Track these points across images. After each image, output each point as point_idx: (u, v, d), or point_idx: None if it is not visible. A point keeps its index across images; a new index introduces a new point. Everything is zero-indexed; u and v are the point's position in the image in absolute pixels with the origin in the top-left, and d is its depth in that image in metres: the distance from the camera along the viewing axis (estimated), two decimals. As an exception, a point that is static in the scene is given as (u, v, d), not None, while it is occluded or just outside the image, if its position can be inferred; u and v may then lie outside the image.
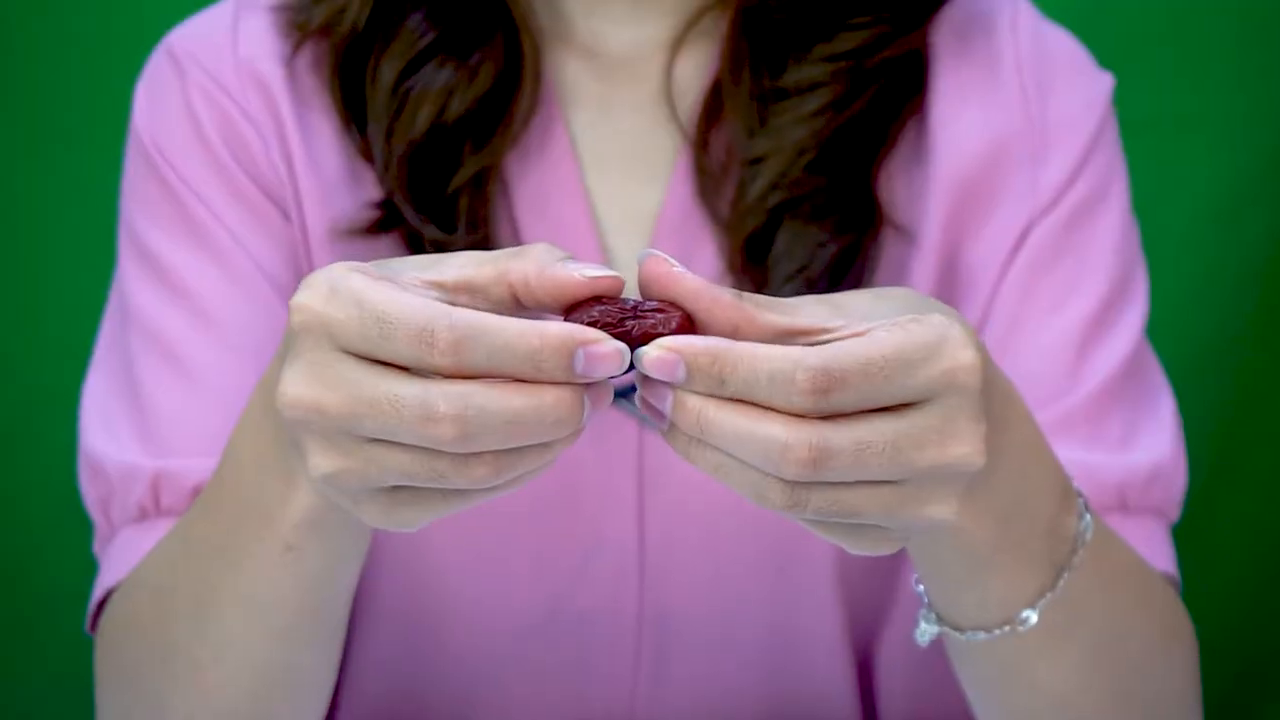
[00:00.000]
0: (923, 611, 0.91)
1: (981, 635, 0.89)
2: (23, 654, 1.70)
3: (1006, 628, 0.88)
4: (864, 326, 0.73)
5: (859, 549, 0.77)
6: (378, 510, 0.75)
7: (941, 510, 0.75)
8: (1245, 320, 1.67)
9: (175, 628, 0.92)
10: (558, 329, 0.70)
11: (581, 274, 0.72)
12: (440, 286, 0.73)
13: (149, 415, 1.06)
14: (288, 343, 0.74)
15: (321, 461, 0.74)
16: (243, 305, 1.08)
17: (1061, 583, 0.88)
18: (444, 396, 0.70)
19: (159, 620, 0.94)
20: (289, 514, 0.83)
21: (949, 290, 1.11)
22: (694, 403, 0.71)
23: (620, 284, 0.73)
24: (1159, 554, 1.06)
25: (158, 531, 1.03)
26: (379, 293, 0.71)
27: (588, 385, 0.71)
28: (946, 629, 0.90)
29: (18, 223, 1.67)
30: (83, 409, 1.09)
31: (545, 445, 0.72)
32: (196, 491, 1.03)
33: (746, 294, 0.73)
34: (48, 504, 1.66)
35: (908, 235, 1.11)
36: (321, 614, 0.90)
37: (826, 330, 0.73)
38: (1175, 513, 1.08)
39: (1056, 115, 1.12)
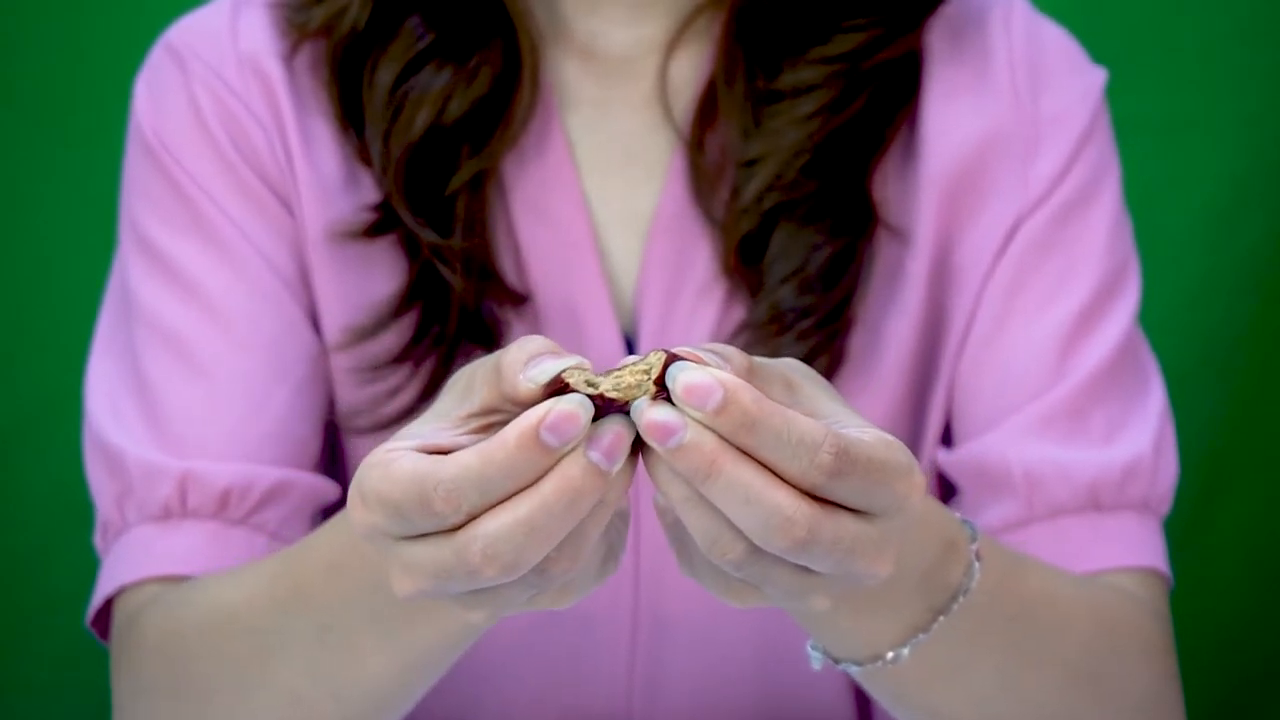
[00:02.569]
0: (809, 641, 0.91)
1: (854, 668, 0.89)
2: (23, 654, 1.70)
3: (878, 662, 0.88)
4: (831, 422, 0.73)
5: (724, 597, 0.77)
6: (544, 604, 0.76)
7: (822, 601, 0.75)
8: (1244, 322, 1.67)
9: (285, 669, 0.91)
10: (511, 431, 0.69)
11: (534, 383, 0.71)
12: (475, 416, 0.73)
13: (160, 411, 1.06)
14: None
15: (470, 617, 0.75)
16: (251, 300, 1.08)
17: (936, 626, 0.87)
18: (470, 543, 0.70)
19: (256, 656, 0.92)
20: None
21: (942, 290, 1.11)
22: (710, 446, 0.70)
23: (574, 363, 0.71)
24: (1143, 550, 1.06)
25: (181, 533, 1.03)
26: (387, 483, 0.71)
27: (591, 442, 0.70)
28: (827, 658, 0.90)
29: (18, 222, 1.67)
30: (89, 399, 1.09)
31: (598, 505, 0.72)
32: (225, 495, 1.04)
33: (753, 360, 0.73)
34: (48, 504, 1.66)
35: (901, 237, 1.11)
36: (470, 642, 0.89)
37: None
38: (1163, 507, 1.08)
39: (1048, 111, 1.12)
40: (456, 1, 1.09)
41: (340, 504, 1.07)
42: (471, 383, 0.74)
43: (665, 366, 0.70)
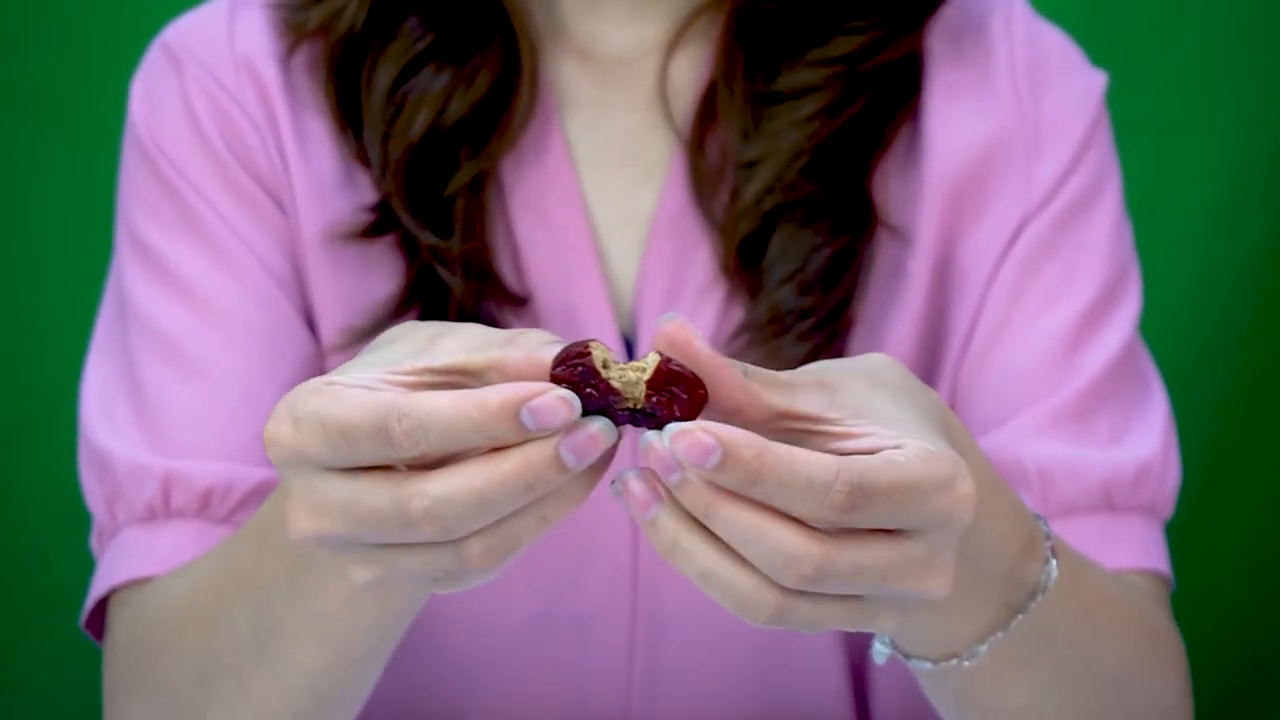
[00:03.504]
0: (877, 634, 0.90)
1: (928, 665, 0.88)
2: (23, 654, 1.70)
3: (954, 660, 0.88)
4: (863, 427, 0.72)
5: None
6: (434, 587, 0.75)
7: (887, 623, 0.74)
8: (1243, 321, 1.67)
9: (232, 655, 0.91)
10: (496, 394, 0.68)
11: (550, 354, 0.70)
12: (431, 371, 0.72)
13: (154, 413, 1.06)
14: (280, 474, 0.74)
15: (357, 572, 0.74)
16: (245, 300, 1.08)
17: (1014, 624, 0.87)
18: (414, 496, 0.69)
19: (207, 645, 0.92)
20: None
21: (943, 291, 1.11)
22: (706, 489, 0.69)
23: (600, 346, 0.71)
24: (1150, 553, 1.06)
25: (166, 533, 1.03)
26: (335, 406, 0.70)
27: (568, 435, 0.69)
28: (897, 653, 0.89)
29: (18, 222, 1.67)
30: (83, 403, 1.09)
31: (539, 514, 0.71)
32: (207, 494, 1.04)
33: (751, 368, 0.72)
34: (48, 504, 1.66)
35: (902, 237, 1.11)
36: (397, 634, 0.89)
37: (821, 420, 0.72)
38: (1167, 510, 1.08)
39: (1049, 114, 1.12)
40: (455, 2, 1.09)
41: None
42: (437, 341, 0.73)
43: (657, 371, 0.70)
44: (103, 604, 1.05)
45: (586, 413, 0.70)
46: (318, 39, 1.10)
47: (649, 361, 0.70)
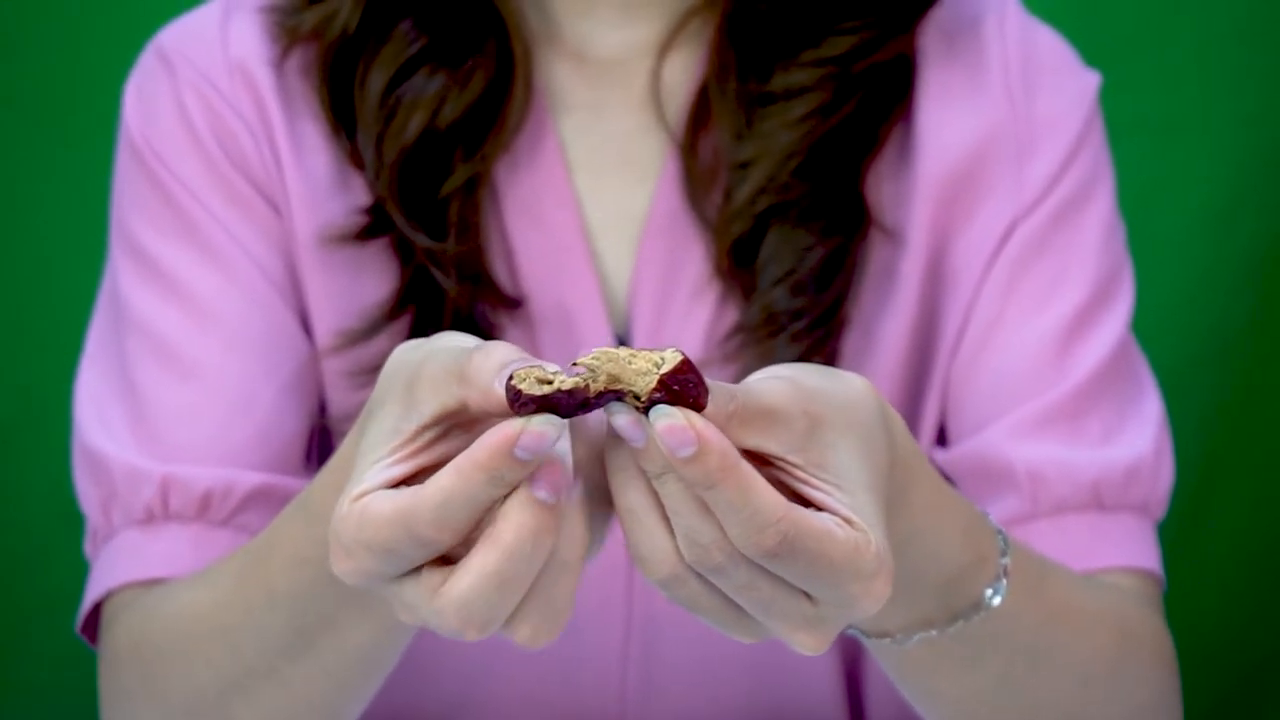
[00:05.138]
0: None
1: (861, 636, 0.90)
2: (23, 654, 1.70)
3: (885, 639, 0.89)
4: (821, 481, 0.74)
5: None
6: None
7: (745, 638, 0.77)
8: (1240, 322, 1.67)
9: (268, 660, 0.92)
10: (483, 452, 0.70)
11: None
12: (426, 429, 0.74)
13: (148, 416, 1.06)
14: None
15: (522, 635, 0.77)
16: (240, 303, 1.08)
17: (953, 630, 0.89)
18: (444, 609, 0.72)
19: (236, 654, 0.93)
20: None
21: (936, 291, 1.11)
22: (663, 461, 0.71)
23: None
24: (1140, 552, 1.06)
25: (164, 536, 1.04)
26: (368, 530, 0.72)
27: (531, 481, 0.71)
28: None
29: (18, 222, 1.68)
30: (78, 406, 1.09)
31: (560, 562, 0.73)
32: (206, 497, 1.04)
33: (741, 395, 0.73)
34: (47, 504, 1.66)
35: (895, 237, 1.11)
36: None
37: (787, 461, 0.74)
38: (1160, 510, 1.08)
39: (1042, 114, 1.12)
40: (448, 5, 1.09)
41: None
42: (412, 390, 0.74)
43: (676, 371, 0.71)
44: (98, 607, 1.05)
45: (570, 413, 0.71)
46: (311, 43, 1.10)
47: (668, 356, 0.71)
